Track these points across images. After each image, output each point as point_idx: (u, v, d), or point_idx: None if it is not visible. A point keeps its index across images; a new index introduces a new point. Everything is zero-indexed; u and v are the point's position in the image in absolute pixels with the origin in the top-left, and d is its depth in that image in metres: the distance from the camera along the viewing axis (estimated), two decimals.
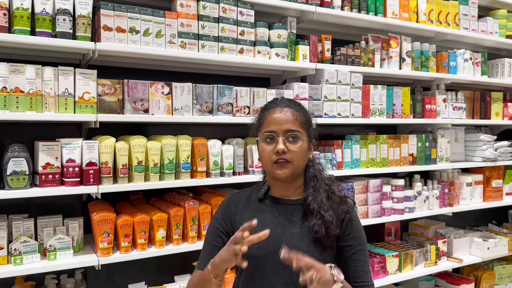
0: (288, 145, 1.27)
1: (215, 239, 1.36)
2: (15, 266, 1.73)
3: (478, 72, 3.13)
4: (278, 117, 1.29)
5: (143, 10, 1.96)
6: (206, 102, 2.12)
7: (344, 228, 1.32)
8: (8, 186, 1.71)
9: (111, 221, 1.87)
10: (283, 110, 1.31)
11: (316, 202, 1.29)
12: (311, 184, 1.33)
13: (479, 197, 3.14)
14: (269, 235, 1.18)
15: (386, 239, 2.94)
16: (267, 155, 1.29)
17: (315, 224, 1.26)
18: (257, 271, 1.29)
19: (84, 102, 1.84)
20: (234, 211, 1.38)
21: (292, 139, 1.28)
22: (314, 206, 1.28)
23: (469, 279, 2.99)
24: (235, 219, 1.36)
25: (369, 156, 2.60)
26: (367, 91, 2.60)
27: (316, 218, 1.27)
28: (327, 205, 1.29)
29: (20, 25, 1.73)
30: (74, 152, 1.82)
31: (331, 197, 1.33)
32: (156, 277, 2.24)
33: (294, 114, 1.31)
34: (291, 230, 1.30)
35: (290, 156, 1.27)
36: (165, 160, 2.00)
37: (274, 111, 1.31)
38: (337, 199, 1.34)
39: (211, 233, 1.38)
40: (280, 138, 1.27)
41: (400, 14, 2.72)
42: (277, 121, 1.29)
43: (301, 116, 1.32)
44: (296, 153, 1.27)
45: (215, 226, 1.38)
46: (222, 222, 1.37)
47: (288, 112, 1.30)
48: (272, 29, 2.31)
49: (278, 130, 1.28)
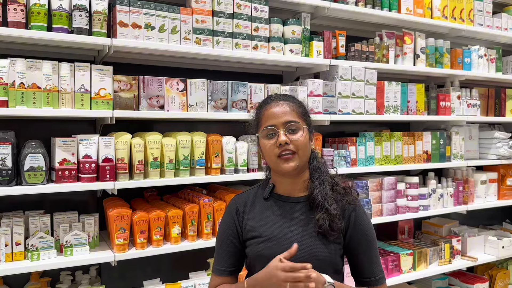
0: (290, 136, 1.26)
1: (228, 244, 1.35)
2: (32, 262, 1.73)
3: (493, 68, 3.09)
4: (275, 111, 1.29)
5: (158, 6, 1.96)
6: (221, 99, 2.11)
7: (348, 219, 1.30)
8: (26, 182, 1.71)
9: (127, 217, 1.86)
10: (279, 103, 1.30)
11: (321, 195, 1.28)
12: (316, 176, 1.32)
13: (494, 195, 3.10)
14: (276, 234, 1.19)
15: (399, 237, 2.92)
16: (269, 150, 1.28)
17: (319, 218, 1.25)
18: None
19: (100, 98, 1.83)
20: (242, 212, 1.37)
21: (293, 130, 1.27)
22: (319, 200, 1.27)
23: (484, 278, 2.96)
24: (243, 219, 1.35)
25: (383, 153, 2.58)
26: (382, 87, 2.58)
27: (321, 212, 1.26)
28: (331, 197, 1.28)
29: (37, 21, 1.73)
30: (90, 148, 1.82)
31: (335, 189, 1.33)
32: (170, 274, 2.24)
33: (291, 105, 1.30)
34: (297, 227, 1.29)
35: (294, 147, 1.26)
36: (180, 157, 2.00)
37: (270, 106, 1.31)
38: (342, 190, 1.33)
39: (223, 238, 1.37)
40: (281, 131, 1.26)
41: (414, 10, 2.69)
42: (275, 115, 1.28)
43: (298, 107, 1.32)
44: (299, 143, 1.26)
45: (226, 231, 1.37)
46: (231, 226, 1.36)
47: (285, 105, 1.30)
48: (286, 25, 2.30)
49: (278, 123, 1.27)
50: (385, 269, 2.51)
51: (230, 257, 1.34)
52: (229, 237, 1.35)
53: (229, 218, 1.37)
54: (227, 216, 1.39)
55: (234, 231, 1.35)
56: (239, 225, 1.35)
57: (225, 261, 1.35)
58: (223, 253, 1.36)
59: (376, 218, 2.53)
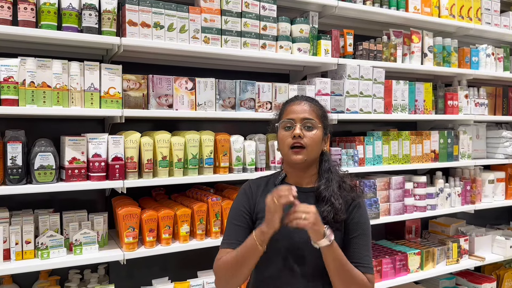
0: (304, 132, 1.37)
1: (240, 219, 1.42)
2: (42, 260, 1.74)
3: (501, 67, 3.07)
4: (296, 107, 1.42)
5: (167, 5, 1.96)
6: (229, 98, 2.11)
7: (350, 212, 1.39)
8: (36, 181, 1.72)
9: (136, 216, 1.87)
10: (302, 102, 1.43)
11: (327, 191, 1.37)
12: (325, 176, 1.42)
13: (501, 194, 3.09)
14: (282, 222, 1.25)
15: (406, 237, 2.91)
16: (285, 140, 1.39)
17: (324, 210, 1.33)
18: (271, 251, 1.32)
19: (109, 97, 1.84)
20: (256, 194, 1.45)
21: (308, 127, 1.38)
22: (325, 194, 1.37)
23: (491, 278, 2.95)
24: (255, 201, 1.44)
25: (391, 152, 2.57)
26: (389, 86, 2.57)
27: (326, 205, 1.35)
28: (337, 194, 1.38)
29: (47, 20, 1.73)
30: (100, 147, 1.82)
31: (342, 186, 1.42)
32: (179, 272, 2.24)
33: (312, 106, 1.43)
34: None
35: (305, 142, 1.36)
36: (188, 155, 2.00)
37: (293, 103, 1.44)
38: (348, 187, 1.43)
39: (236, 213, 1.44)
40: (298, 125, 1.38)
41: (422, 9, 2.68)
42: (295, 111, 1.41)
43: (318, 109, 1.44)
44: (310, 140, 1.37)
45: (239, 208, 1.44)
46: (245, 204, 1.44)
47: (306, 104, 1.42)
48: (294, 23, 2.29)
49: (296, 118, 1.39)
50: (392, 268, 2.50)
51: (242, 231, 1.40)
52: (242, 213, 1.42)
53: (243, 197, 1.46)
54: (241, 195, 1.47)
55: (248, 208, 1.43)
56: (252, 204, 1.44)
57: (237, 234, 1.39)
58: (235, 227, 1.41)
59: (383, 218, 2.52)
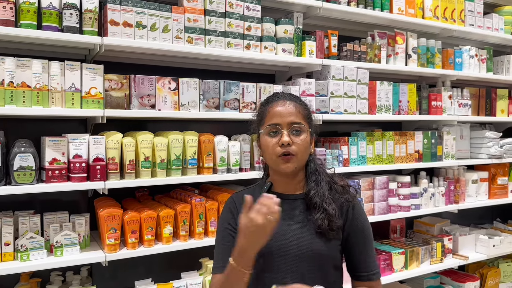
0: (293, 138, 1.27)
1: (228, 238, 1.32)
2: (22, 262, 1.71)
3: (484, 69, 3.11)
4: (281, 110, 1.29)
5: (150, 4, 1.95)
6: (213, 98, 2.11)
7: (346, 216, 1.32)
8: (15, 182, 1.69)
9: (118, 217, 1.85)
10: (286, 103, 1.30)
11: (318, 195, 1.28)
12: (313, 178, 1.33)
13: (485, 194, 3.13)
14: (275, 232, 1.16)
15: (391, 236, 2.93)
16: (271, 148, 1.28)
17: (318, 218, 1.26)
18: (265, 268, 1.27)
19: (91, 97, 1.82)
20: (239, 209, 1.33)
21: (296, 132, 1.28)
22: (316, 200, 1.28)
23: (475, 277, 2.98)
24: None
25: (375, 152, 2.59)
26: (374, 87, 2.58)
27: (319, 212, 1.26)
28: (329, 198, 1.29)
29: (27, 19, 1.71)
30: (81, 148, 1.80)
31: (333, 188, 1.34)
32: (162, 274, 2.22)
33: (297, 107, 1.31)
34: (296, 225, 1.29)
35: (295, 149, 1.26)
36: (172, 156, 1.99)
37: (276, 104, 1.31)
38: (340, 188, 1.34)
39: (223, 233, 1.34)
40: (285, 131, 1.27)
41: (406, 10, 2.70)
42: (280, 114, 1.28)
43: (303, 109, 1.33)
44: (300, 146, 1.27)
45: (225, 226, 1.34)
46: (230, 221, 1.34)
47: (291, 105, 1.30)
48: (279, 24, 2.30)
49: (282, 123, 1.27)
50: None
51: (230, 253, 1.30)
52: (228, 231, 1.32)
53: (228, 214, 1.36)
54: (225, 213, 1.38)
55: (233, 225, 1.32)
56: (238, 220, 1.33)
57: (226, 256, 1.27)
58: (224, 247, 1.31)
59: (368, 217, 2.52)
